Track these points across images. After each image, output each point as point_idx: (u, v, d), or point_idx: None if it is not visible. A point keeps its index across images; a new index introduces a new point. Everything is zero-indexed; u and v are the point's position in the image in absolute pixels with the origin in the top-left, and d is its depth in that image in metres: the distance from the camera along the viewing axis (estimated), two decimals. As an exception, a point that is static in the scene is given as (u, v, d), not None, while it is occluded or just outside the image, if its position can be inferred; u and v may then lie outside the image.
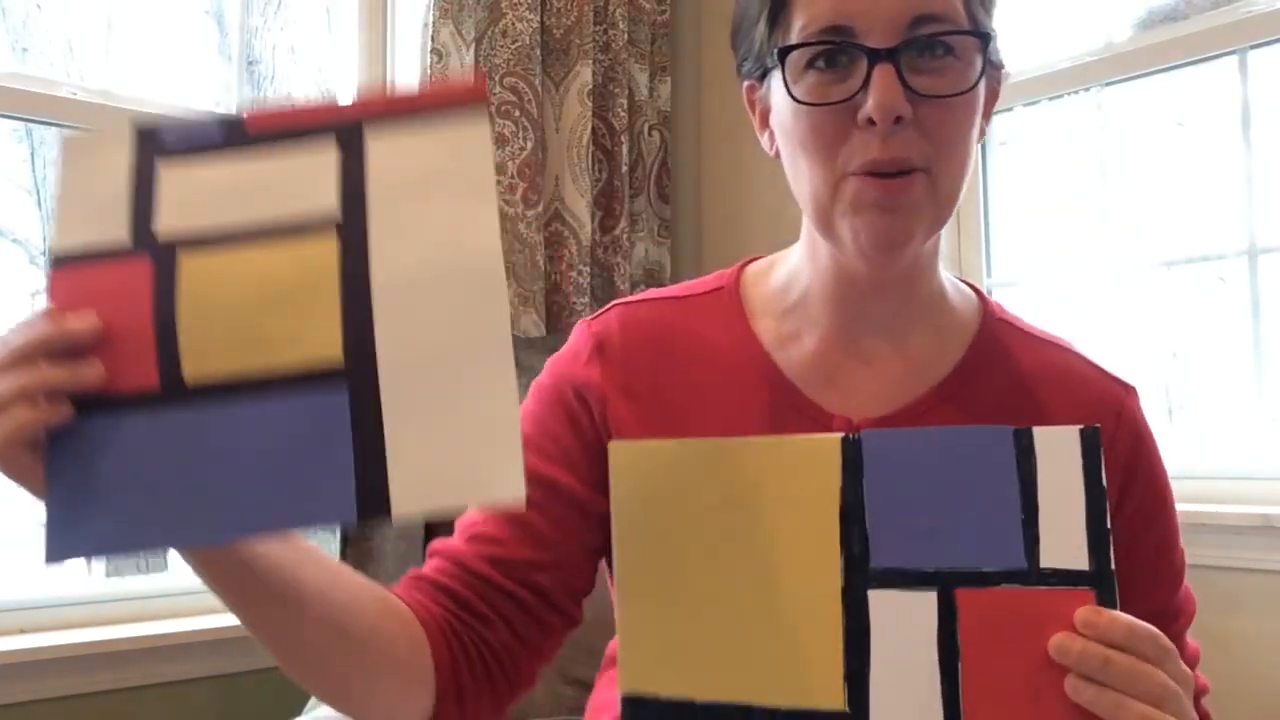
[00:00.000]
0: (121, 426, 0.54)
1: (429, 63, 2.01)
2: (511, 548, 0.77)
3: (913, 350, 0.80)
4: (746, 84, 0.82)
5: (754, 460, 0.63)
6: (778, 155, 0.80)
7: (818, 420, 0.78)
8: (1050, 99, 1.97)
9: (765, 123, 0.81)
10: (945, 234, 0.81)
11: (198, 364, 0.55)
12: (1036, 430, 0.60)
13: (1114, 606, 0.59)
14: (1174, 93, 1.88)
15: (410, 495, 0.53)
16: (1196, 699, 0.81)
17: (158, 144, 0.58)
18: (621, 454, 0.65)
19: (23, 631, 1.68)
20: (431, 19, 2.01)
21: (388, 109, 0.58)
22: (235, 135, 0.58)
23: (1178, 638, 0.80)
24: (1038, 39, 2.02)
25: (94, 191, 0.57)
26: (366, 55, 2.22)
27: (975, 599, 0.59)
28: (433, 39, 2.01)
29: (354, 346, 0.54)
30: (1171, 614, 0.80)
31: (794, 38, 0.73)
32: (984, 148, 2.07)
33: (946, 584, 0.59)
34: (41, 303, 0.57)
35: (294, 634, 0.66)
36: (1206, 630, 0.83)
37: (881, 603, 0.60)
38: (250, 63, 2.33)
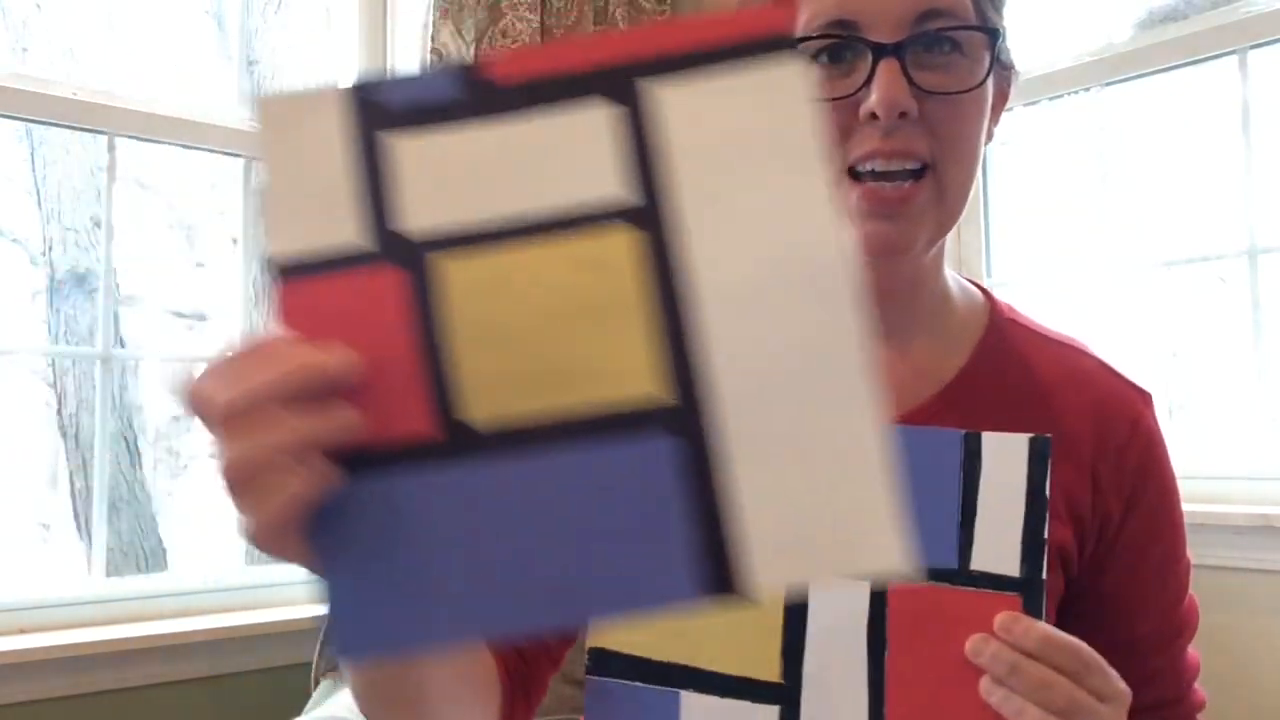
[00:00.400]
0: (395, 486, 0.42)
1: (429, 63, 2.01)
2: None
3: (916, 356, 0.78)
4: None
5: None
6: None
7: None
8: (1050, 99, 1.97)
9: None
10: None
11: (483, 406, 0.42)
12: (986, 435, 0.60)
13: (1039, 615, 0.59)
14: (1174, 93, 1.88)
15: (770, 568, 0.41)
16: (1190, 716, 0.79)
17: (380, 107, 0.44)
18: None
19: (23, 631, 1.68)
20: (431, 19, 2.01)
21: (671, 50, 0.43)
22: (476, 91, 0.44)
23: (1179, 652, 0.78)
24: (1038, 39, 2.02)
25: (310, 172, 0.44)
26: (366, 55, 2.22)
27: (906, 594, 0.60)
28: (433, 39, 2.01)
29: (679, 377, 0.42)
30: (1172, 631, 0.78)
31: (798, 31, 0.71)
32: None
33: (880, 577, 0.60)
34: (264, 326, 0.44)
35: (418, 704, 0.65)
36: (1206, 630, 0.82)
37: (819, 587, 0.61)
38: (250, 63, 2.33)
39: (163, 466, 2.50)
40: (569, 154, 0.43)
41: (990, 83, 0.72)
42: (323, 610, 0.42)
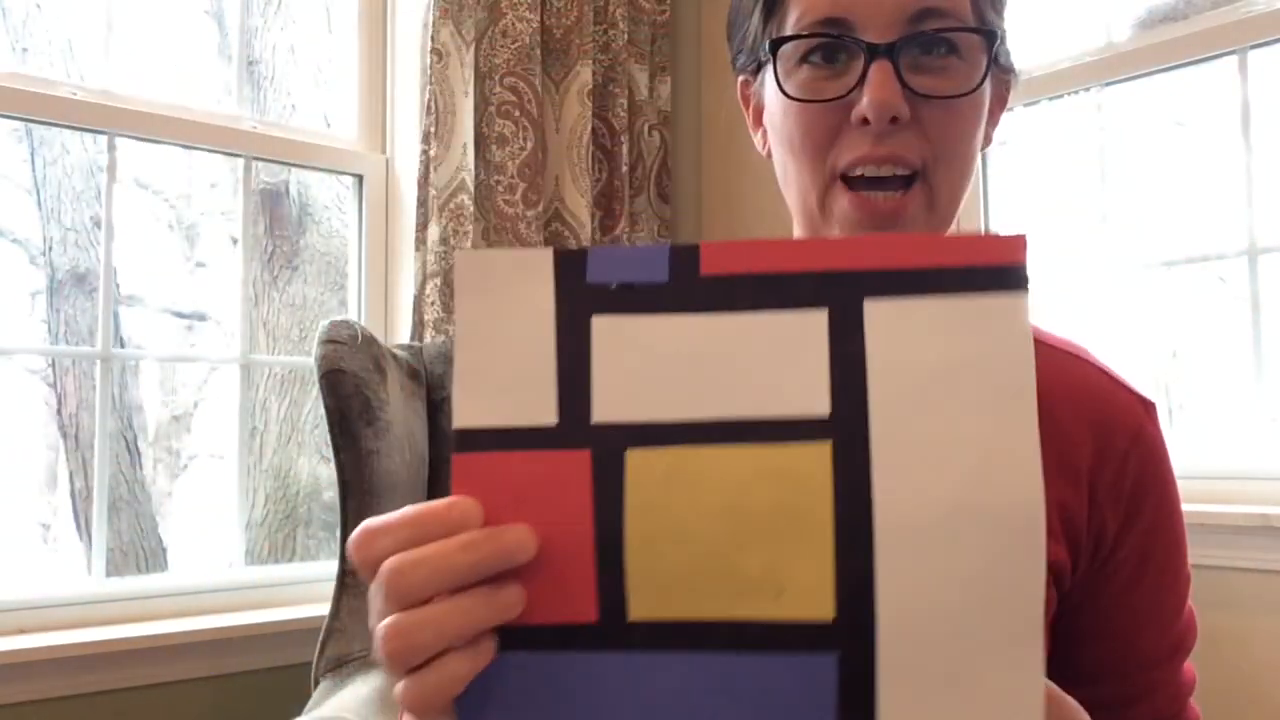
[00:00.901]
0: (546, 663, 0.42)
1: (429, 63, 2.01)
2: None
3: None
4: (740, 79, 0.78)
5: None
6: (769, 155, 0.77)
7: None
8: (1050, 99, 1.97)
9: (759, 120, 0.77)
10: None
11: (646, 601, 0.42)
12: None
13: None
14: (1174, 93, 1.88)
15: None
16: None
17: (585, 282, 0.43)
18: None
19: (23, 631, 1.68)
20: (431, 19, 2.01)
21: (903, 263, 0.42)
22: (686, 276, 0.43)
23: (1176, 667, 0.77)
24: (1038, 39, 2.02)
25: (513, 345, 0.43)
26: (366, 55, 2.22)
27: None
28: (433, 39, 2.01)
29: (849, 602, 0.41)
30: (1168, 647, 0.76)
31: (789, 29, 0.69)
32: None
33: None
34: (443, 493, 0.43)
35: None
36: (1206, 630, 0.81)
37: None
38: (250, 63, 2.33)
39: (163, 466, 2.50)
40: (774, 359, 0.42)
41: (987, 86, 0.70)
42: None
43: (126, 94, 1.90)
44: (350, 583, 1.64)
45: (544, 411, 0.43)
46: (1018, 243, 0.41)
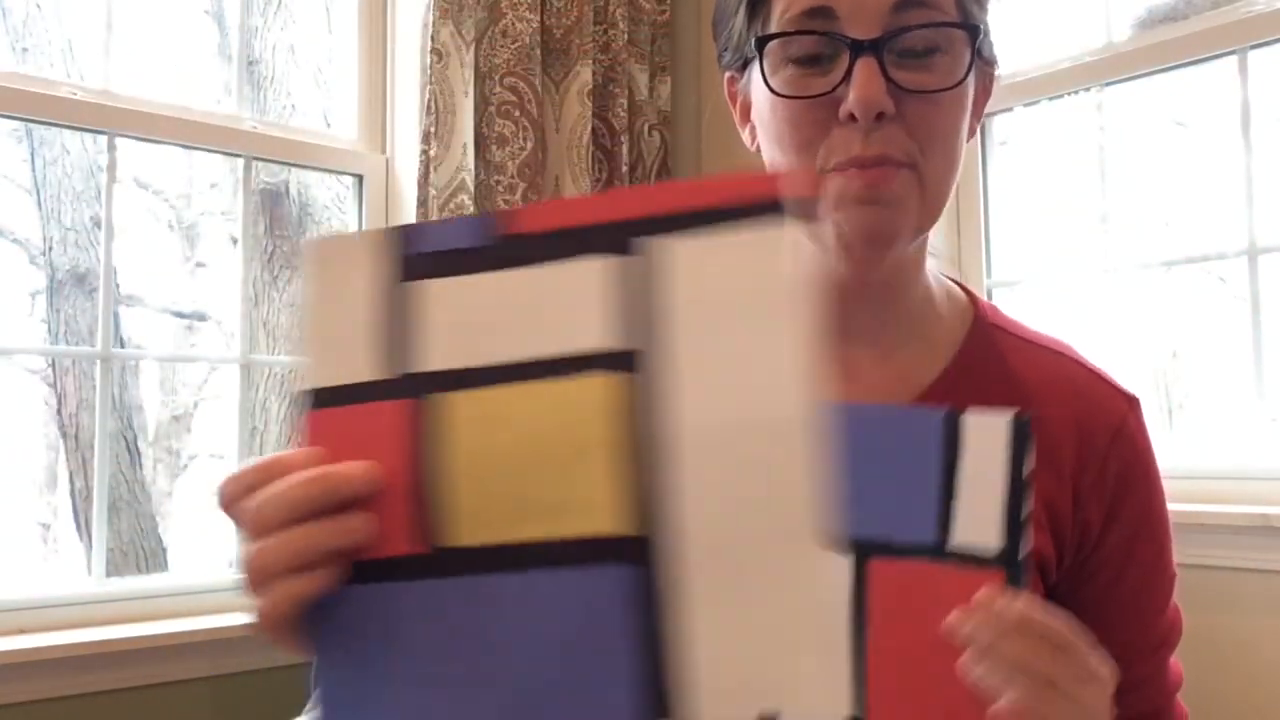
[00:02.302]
0: (386, 594, 0.47)
1: (429, 63, 2.01)
2: None
3: (896, 360, 0.76)
4: (727, 75, 0.78)
5: None
6: (759, 150, 0.77)
7: None
8: (1050, 99, 1.97)
9: (746, 116, 0.77)
10: (945, 234, 0.79)
11: (465, 529, 0.47)
12: (966, 415, 0.57)
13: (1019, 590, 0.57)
14: (1174, 93, 1.88)
15: (705, 703, 0.45)
16: None
17: (408, 254, 0.49)
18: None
19: (23, 631, 1.68)
20: (431, 19, 2.01)
21: (671, 208, 0.47)
22: (492, 241, 0.49)
23: (1161, 663, 0.77)
24: (1038, 39, 2.02)
25: (345, 313, 0.49)
26: (366, 55, 2.22)
27: (886, 569, 0.57)
28: (433, 39, 2.01)
29: (643, 516, 0.46)
30: (1153, 642, 0.77)
31: (774, 24, 0.69)
32: (984, 148, 2.07)
33: (861, 552, 0.57)
34: (292, 443, 0.50)
35: None
36: (1207, 630, 0.81)
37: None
38: (250, 63, 2.33)
39: (163, 466, 2.50)
40: (569, 302, 0.47)
41: (971, 80, 0.70)
42: (317, 696, 0.48)
43: (126, 94, 1.90)
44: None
45: (373, 368, 0.49)
46: (778, 180, 0.47)
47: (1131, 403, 0.77)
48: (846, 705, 0.46)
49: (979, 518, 0.57)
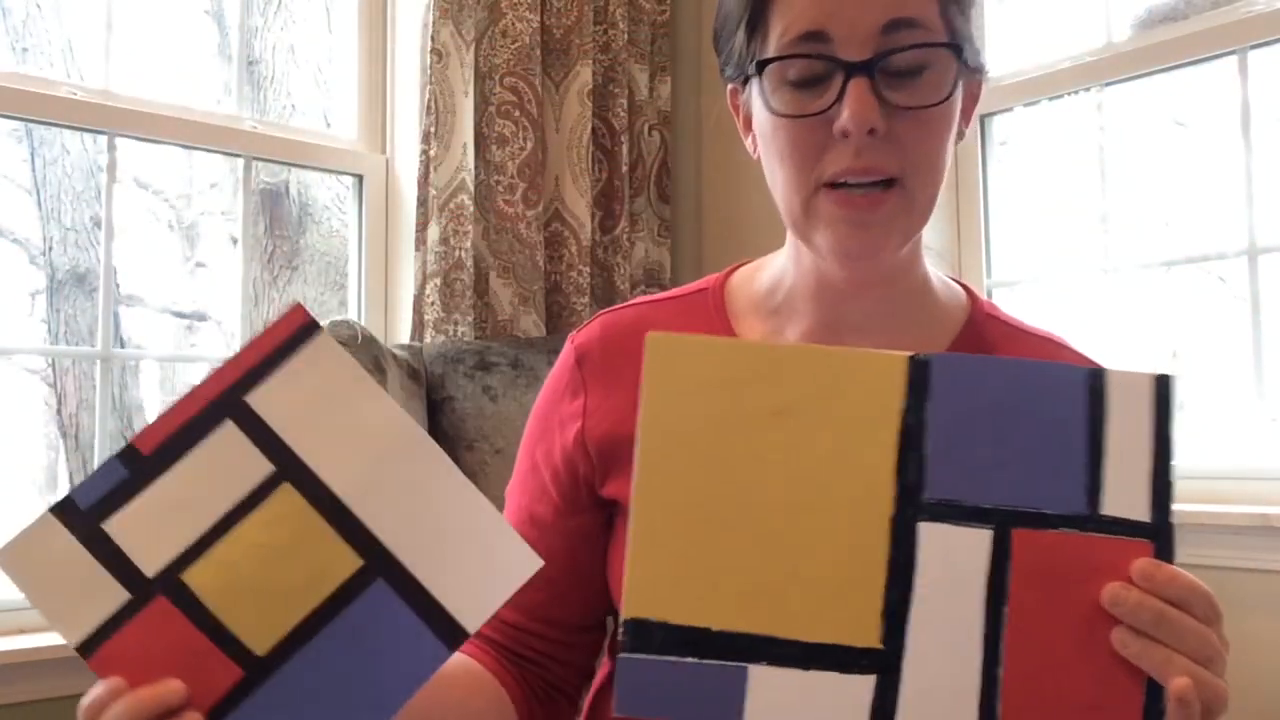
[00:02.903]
0: (241, 718, 0.61)
1: (429, 63, 2.01)
2: (522, 593, 0.80)
3: (896, 344, 0.79)
4: (730, 87, 0.83)
5: (810, 371, 0.59)
6: (760, 159, 0.82)
7: None
8: (1050, 99, 1.97)
9: (749, 126, 0.82)
10: (945, 234, 0.81)
11: (261, 640, 0.61)
12: (1110, 373, 0.57)
13: (1171, 561, 0.57)
14: (1174, 93, 1.88)
15: (469, 610, 0.62)
16: None
17: (81, 509, 0.62)
18: (660, 347, 0.60)
19: (22, 631, 1.68)
20: (431, 19, 2.01)
21: (244, 369, 0.63)
22: (136, 464, 0.63)
23: None
24: (1038, 39, 2.02)
25: (64, 579, 0.62)
26: (366, 55, 2.22)
27: (1031, 540, 0.57)
28: (433, 39, 2.01)
29: (364, 548, 0.62)
30: None
31: (771, 45, 0.74)
32: (984, 148, 2.07)
33: (1003, 522, 0.57)
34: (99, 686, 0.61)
35: None
36: (1206, 630, 0.82)
37: (932, 536, 0.57)
38: (250, 63, 2.33)
39: (163, 466, 2.50)
40: (222, 465, 0.62)
41: (958, 94, 0.75)
42: None
43: (126, 94, 1.90)
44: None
45: (118, 595, 0.61)
46: (295, 312, 0.63)
47: None
48: (531, 560, 0.62)
49: (1128, 486, 0.57)
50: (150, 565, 0.62)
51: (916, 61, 0.72)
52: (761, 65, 0.73)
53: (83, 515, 0.62)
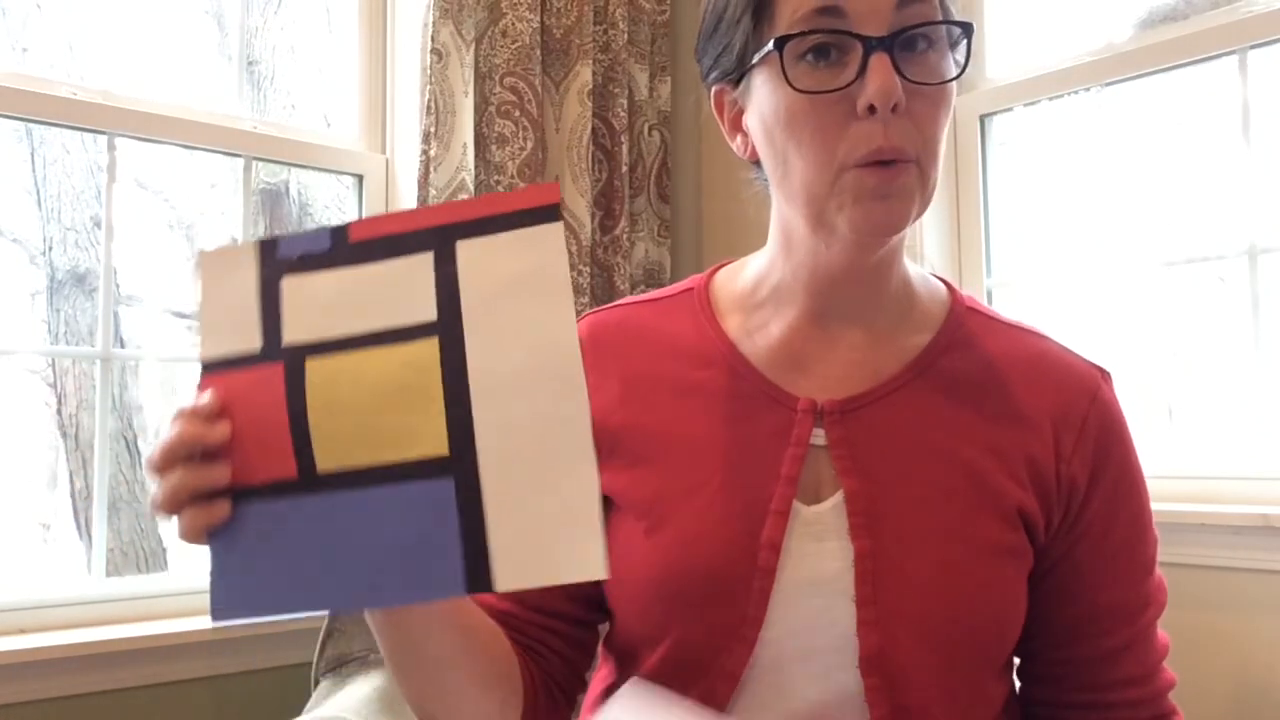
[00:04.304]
0: (268, 509, 0.63)
1: (429, 63, 2.01)
2: None
3: (881, 335, 0.81)
4: (715, 89, 0.83)
5: None
6: (752, 156, 0.82)
7: (782, 403, 0.79)
8: (1050, 99, 1.97)
9: (736, 126, 0.82)
10: (945, 234, 0.82)
11: (328, 458, 0.62)
12: None
13: None
14: (1174, 93, 1.88)
15: (509, 573, 0.60)
16: (1163, 694, 0.82)
17: (278, 256, 0.65)
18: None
19: (23, 631, 1.68)
20: (431, 19, 2.01)
21: (474, 215, 0.63)
22: (341, 244, 0.65)
23: (1147, 627, 0.81)
24: (1038, 39, 2.02)
25: (230, 302, 0.65)
26: (366, 55, 2.22)
27: None
28: (433, 39, 2.01)
29: (457, 441, 0.61)
30: (1140, 602, 0.81)
31: (782, 26, 0.73)
32: (984, 148, 2.07)
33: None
34: (185, 397, 0.65)
35: (431, 681, 0.76)
36: (1207, 630, 0.83)
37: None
38: (250, 63, 2.33)
39: (163, 466, 2.50)
40: (401, 288, 0.63)
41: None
42: (207, 581, 0.63)
43: (126, 94, 1.90)
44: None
45: (254, 342, 0.64)
46: (551, 189, 0.63)
47: (1103, 374, 0.83)
48: (599, 568, 0.59)
49: None
50: (290, 334, 0.64)
51: (929, 39, 0.72)
52: (781, 42, 0.73)
53: (275, 262, 0.65)
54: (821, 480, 0.77)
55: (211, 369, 0.65)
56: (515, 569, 0.60)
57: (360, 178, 2.20)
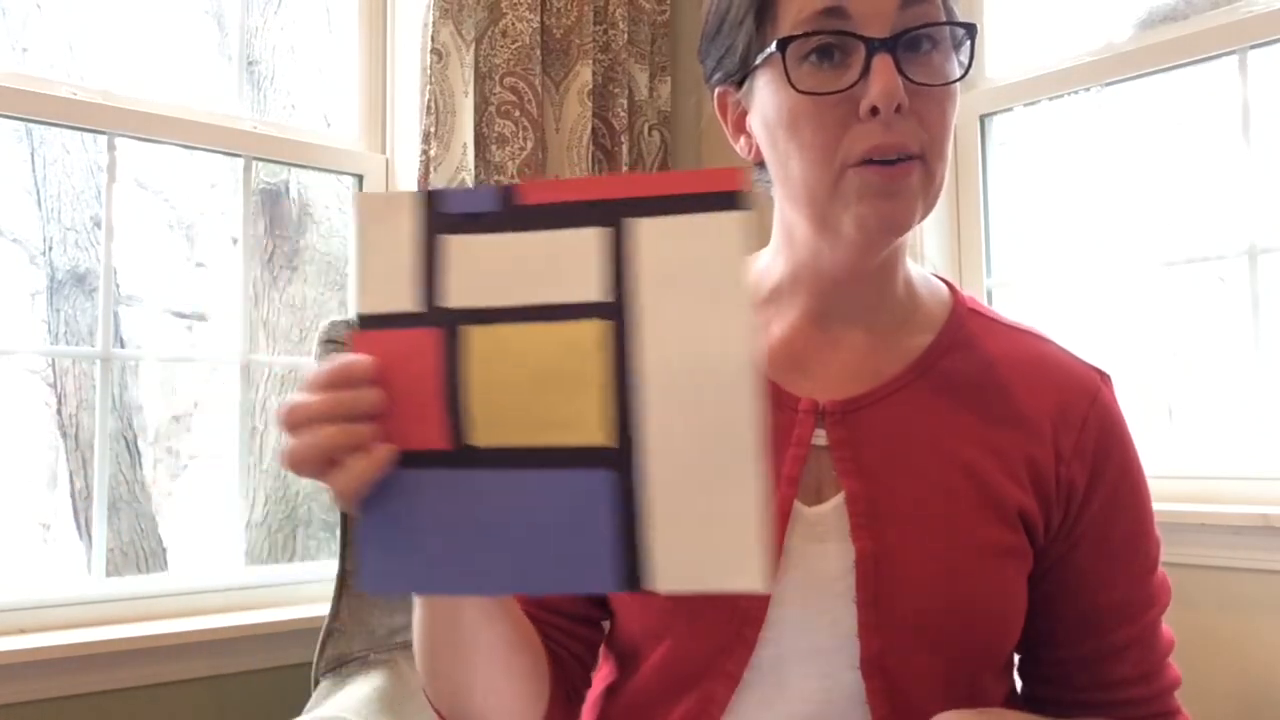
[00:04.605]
0: (416, 479, 0.60)
1: (429, 63, 2.01)
2: None
3: (883, 336, 0.82)
4: (718, 90, 0.83)
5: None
6: (755, 158, 0.81)
7: (783, 403, 0.79)
8: (1050, 99, 1.97)
9: (740, 128, 0.82)
10: (945, 234, 0.82)
11: (484, 433, 0.59)
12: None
13: None
14: (1174, 93, 1.88)
15: (665, 575, 0.57)
16: (1167, 692, 0.82)
17: (441, 211, 0.61)
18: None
19: (23, 631, 1.68)
20: (431, 19, 2.01)
21: (653, 191, 0.59)
22: (510, 206, 0.60)
23: (1151, 625, 0.81)
24: (1038, 39, 2.02)
25: (389, 257, 0.61)
26: (366, 55, 2.22)
27: None
28: (433, 39, 2.01)
29: (621, 432, 0.58)
30: (1143, 601, 0.81)
31: (786, 27, 0.74)
32: (984, 148, 2.07)
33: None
34: (335, 356, 0.62)
35: (474, 670, 0.76)
36: (1207, 630, 0.83)
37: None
38: (250, 63, 2.33)
39: (163, 466, 2.50)
40: (568, 261, 0.59)
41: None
42: (358, 553, 0.61)
43: (126, 94, 1.90)
44: (350, 583, 1.64)
45: (412, 301, 0.60)
46: (737, 174, 0.57)
47: (1103, 376, 0.83)
48: (758, 580, 0.56)
49: None
50: (451, 298, 0.60)
51: (932, 40, 0.73)
52: (784, 43, 0.73)
53: (439, 217, 0.60)
54: (823, 481, 0.77)
55: (369, 325, 0.61)
56: (675, 571, 0.57)
57: (360, 178, 2.20)
